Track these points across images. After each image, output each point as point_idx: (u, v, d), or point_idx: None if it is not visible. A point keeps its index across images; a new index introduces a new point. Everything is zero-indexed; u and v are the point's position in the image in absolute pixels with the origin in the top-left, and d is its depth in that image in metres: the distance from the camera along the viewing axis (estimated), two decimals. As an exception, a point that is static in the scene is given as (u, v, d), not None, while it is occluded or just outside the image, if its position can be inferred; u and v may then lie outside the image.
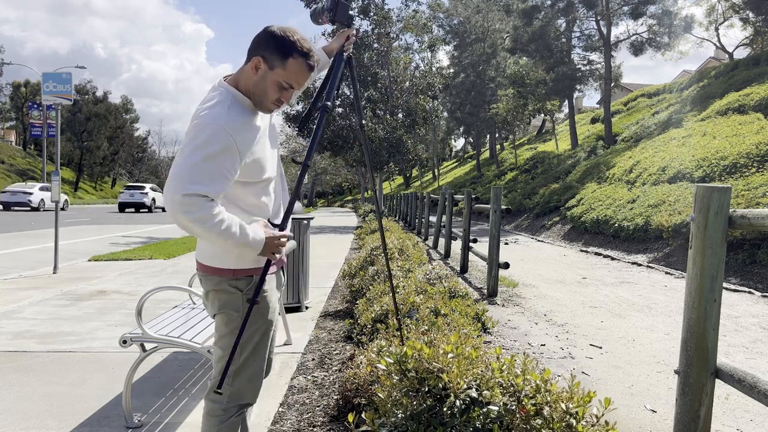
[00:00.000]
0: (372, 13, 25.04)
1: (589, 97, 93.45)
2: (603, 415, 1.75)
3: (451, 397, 1.81)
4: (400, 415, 1.85)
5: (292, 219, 5.37)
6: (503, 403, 1.78)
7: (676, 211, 10.40)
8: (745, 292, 6.90)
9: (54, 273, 7.97)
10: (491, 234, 6.72)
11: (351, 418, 1.90)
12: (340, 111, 25.02)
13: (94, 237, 14.48)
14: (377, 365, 2.09)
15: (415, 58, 35.35)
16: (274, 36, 1.79)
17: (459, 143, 69.22)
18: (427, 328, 3.06)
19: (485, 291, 6.83)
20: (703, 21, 33.80)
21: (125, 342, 2.83)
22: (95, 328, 4.88)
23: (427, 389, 1.86)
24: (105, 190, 72.21)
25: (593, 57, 26.64)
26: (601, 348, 4.50)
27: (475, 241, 8.39)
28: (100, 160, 66.03)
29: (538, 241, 14.68)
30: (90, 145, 62.35)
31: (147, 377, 3.62)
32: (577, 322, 5.39)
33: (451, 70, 38.72)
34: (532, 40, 25.76)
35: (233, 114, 1.75)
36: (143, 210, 31.17)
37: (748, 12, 28.85)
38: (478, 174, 38.35)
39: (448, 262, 9.82)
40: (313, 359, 4.06)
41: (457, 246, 10.63)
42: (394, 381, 1.95)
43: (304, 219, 5.72)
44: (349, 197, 76.25)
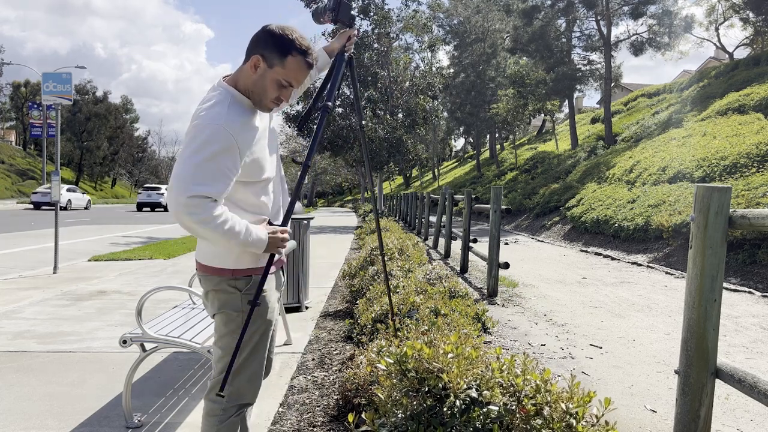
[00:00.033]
0: (372, 13, 25.02)
1: (589, 97, 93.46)
2: (603, 415, 1.75)
3: (451, 397, 1.81)
4: (400, 415, 1.85)
5: (292, 219, 5.37)
6: (503, 403, 1.78)
7: (676, 211, 10.40)
8: (745, 292, 6.90)
9: (54, 273, 7.97)
10: (491, 234, 6.72)
11: (351, 418, 1.90)
12: (339, 111, 25.00)
13: (94, 237, 14.48)
14: (377, 365, 2.09)
15: (415, 58, 35.35)
16: (272, 34, 1.79)
17: (459, 143, 69.28)
18: (427, 328, 3.05)
19: (485, 291, 6.83)
20: (703, 21, 33.88)
21: (125, 342, 2.83)
22: (95, 328, 4.88)
23: (427, 389, 1.86)
24: (105, 190, 72.21)
25: (593, 57, 26.67)
26: (601, 348, 4.50)
27: (475, 241, 8.39)
28: (100, 160, 66.07)
29: (538, 241, 14.68)
30: (90, 145, 62.38)
31: (147, 377, 3.62)
32: (577, 322, 5.39)
33: (451, 70, 38.72)
34: (532, 40, 25.76)
35: (233, 114, 1.75)
36: (159, 209, 33.31)
37: (748, 12, 28.86)
38: (478, 174, 38.35)
39: (448, 262, 9.82)
40: (313, 359, 4.06)
41: (457, 246, 10.63)
42: (394, 381, 1.95)
43: (304, 219, 5.72)
44: (349, 197, 76.25)
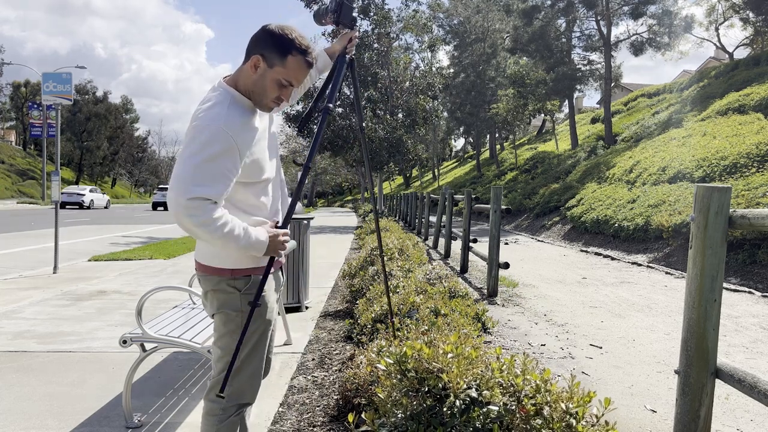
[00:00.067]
0: (372, 13, 25.01)
1: (589, 97, 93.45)
2: (603, 415, 1.75)
3: (451, 397, 1.81)
4: (400, 415, 1.85)
5: (293, 219, 5.37)
6: (503, 403, 1.78)
7: (676, 211, 10.40)
8: (745, 292, 6.90)
9: (54, 273, 7.97)
10: (491, 234, 6.72)
11: (351, 418, 1.90)
12: (340, 111, 24.99)
13: (94, 237, 14.48)
14: (377, 365, 2.09)
15: (415, 58, 35.42)
16: (272, 34, 1.79)
17: (459, 143, 69.27)
18: (427, 328, 3.05)
19: (485, 291, 6.83)
20: (703, 21, 33.88)
21: (125, 342, 2.83)
22: (95, 328, 4.88)
23: (427, 389, 1.86)
24: (105, 190, 72.13)
25: (593, 57, 26.67)
26: (601, 348, 4.50)
27: (475, 241, 8.39)
28: (100, 160, 66.05)
29: (538, 241, 14.68)
30: (90, 145, 62.37)
31: (147, 377, 3.62)
32: (577, 322, 5.39)
33: (451, 70, 38.72)
34: (532, 40, 25.76)
35: (232, 114, 1.75)
36: None
37: (748, 12, 28.86)
38: (478, 174, 38.35)
39: (448, 262, 9.82)
40: (313, 359, 4.06)
41: (457, 246, 10.63)
42: (394, 381, 1.95)
43: (304, 219, 5.72)
44: (349, 197, 76.24)
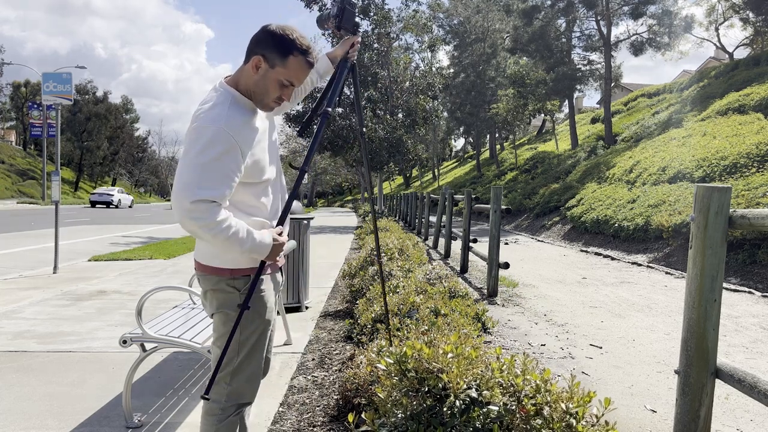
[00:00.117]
0: (372, 13, 25.02)
1: (589, 97, 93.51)
2: (603, 415, 1.75)
3: (451, 397, 1.81)
4: (400, 415, 1.85)
5: (292, 219, 5.37)
6: (503, 403, 1.78)
7: (676, 211, 10.40)
8: (745, 292, 6.90)
9: (54, 273, 7.97)
10: (491, 234, 6.72)
11: (351, 418, 1.90)
12: (340, 111, 24.99)
13: (94, 237, 14.48)
14: (377, 365, 2.09)
15: (415, 58, 35.42)
16: (273, 35, 1.79)
17: (459, 143, 69.27)
18: (427, 328, 3.06)
19: (485, 291, 6.83)
20: (703, 21, 33.90)
21: (125, 342, 2.83)
22: (95, 328, 4.88)
23: (427, 389, 1.86)
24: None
25: (593, 57, 26.68)
26: (601, 348, 4.50)
27: (475, 241, 8.39)
28: (100, 160, 65.99)
29: (538, 241, 14.68)
30: (90, 145, 62.31)
31: (147, 377, 3.62)
32: (577, 322, 5.39)
33: (451, 70, 38.72)
34: (532, 40, 25.76)
35: (233, 114, 1.75)
36: None
37: (748, 12, 28.86)
38: (478, 174, 38.35)
39: (448, 262, 9.82)
40: (313, 359, 4.06)
41: (457, 246, 10.63)
42: (394, 381, 1.95)
43: (304, 219, 5.71)
44: (349, 197, 76.24)
